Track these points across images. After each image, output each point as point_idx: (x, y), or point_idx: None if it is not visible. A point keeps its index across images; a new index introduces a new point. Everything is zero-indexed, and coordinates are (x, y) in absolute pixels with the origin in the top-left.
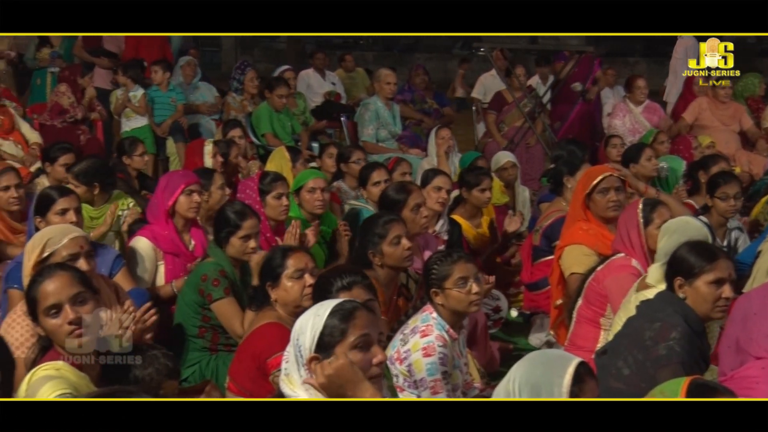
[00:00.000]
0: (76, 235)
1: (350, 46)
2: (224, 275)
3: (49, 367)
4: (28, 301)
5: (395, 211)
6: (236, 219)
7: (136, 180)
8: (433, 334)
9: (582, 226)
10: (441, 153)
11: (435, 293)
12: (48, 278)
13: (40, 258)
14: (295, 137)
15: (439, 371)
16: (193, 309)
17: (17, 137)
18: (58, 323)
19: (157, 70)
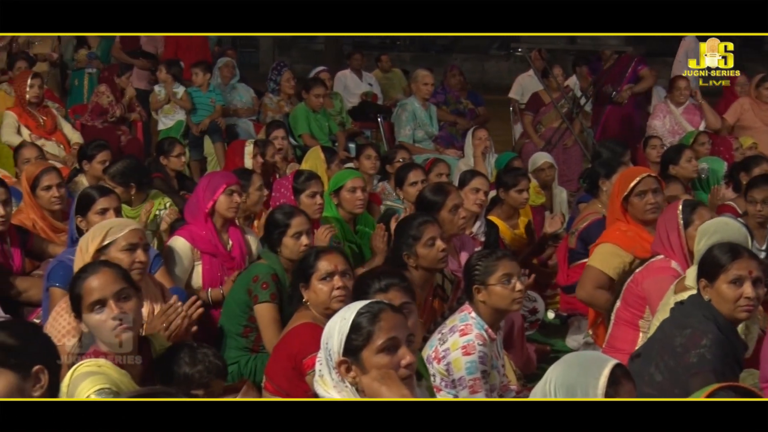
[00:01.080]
0: (137, 228)
1: (387, 46)
2: (275, 280)
3: (90, 364)
4: (72, 297)
5: (433, 212)
6: (285, 218)
7: (175, 180)
8: (472, 332)
9: (621, 226)
10: (478, 154)
11: (477, 290)
12: (92, 274)
13: (101, 246)
14: (332, 138)
15: (479, 370)
16: (240, 308)
17: (59, 138)
18: (102, 318)
19: (198, 72)
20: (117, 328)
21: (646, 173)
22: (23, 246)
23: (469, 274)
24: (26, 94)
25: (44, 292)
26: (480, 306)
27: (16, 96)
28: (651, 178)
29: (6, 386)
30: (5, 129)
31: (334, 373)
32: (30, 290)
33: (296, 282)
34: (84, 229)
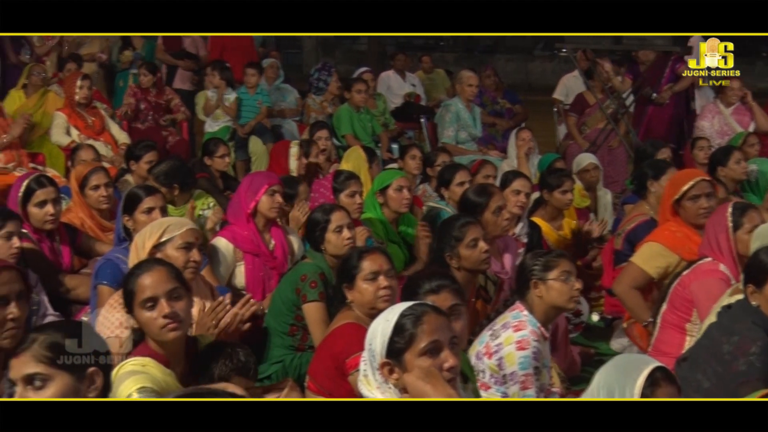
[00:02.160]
0: (194, 227)
1: (431, 47)
2: (323, 279)
3: (136, 363)
4: (125, 293)
5: (476, 213)
6: (324, 215)
7: (220, 180)
8: (527, 328)
9: (671, 227)
10: (521, 155)
11: (536, 284)
12: (146, 272)
13: (158, 242)
14: (375, 138)
15: (532, 366)
16: (287, 307)
17: (107, 138)
18: (153, 316)
19: (254, 73)
20: (166, 327)
21: (700, 177)
22: (72, 244)
23: (526, 271)
24: (75, 95)
25: (92, 290)
26: (535, 302)
27: (65, 97)
28: (705, 182)
29: (62, 388)
30: (55, 129)
31: (377, 374)
32: (78, 288)
33: (339, 282)
34: (131, 227)
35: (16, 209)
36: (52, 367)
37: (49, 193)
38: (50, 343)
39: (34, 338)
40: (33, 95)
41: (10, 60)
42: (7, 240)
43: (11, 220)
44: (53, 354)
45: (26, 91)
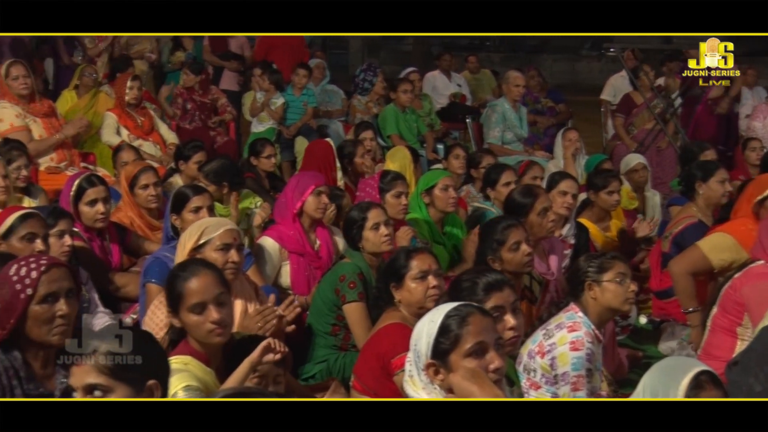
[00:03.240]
0: (231, 227)
1: (476, 47)
2: (362, 278)
3: (177, 361)
4: (170, 294)
5: (521, 215)
6: (361, 213)
7: (266, 180)
8: (581, 330)
9: (747, 223)
10: (568, 155)
11: (590, 286)
12: (194, 276)
13: (196, 245)
14: (420, 139)
15: (584, 367)
16: (328, 307)
17: (156, 138)
18: (201, 320)
19: (305, 74)
20: (213, 332)
21: None
22: (121, 243)
23: (580, 273)
24: (125, 96)
25: (141, 288)
26: (590, 303)
27: (116, 97)
28: None
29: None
30: (105, 129)
31: (422, 374)
32: (127, 286)
33: (386, 282)
34: (179, 226)
35: (67, 208)
36: (112, 379)
37: (100, 192)
38: (111, 353)
39: (96, 347)
40: (84, 96)
41: (63, 61)
42: (59, 238)
43: (63, 218)
44: (114, 365)
45: (78, 92)
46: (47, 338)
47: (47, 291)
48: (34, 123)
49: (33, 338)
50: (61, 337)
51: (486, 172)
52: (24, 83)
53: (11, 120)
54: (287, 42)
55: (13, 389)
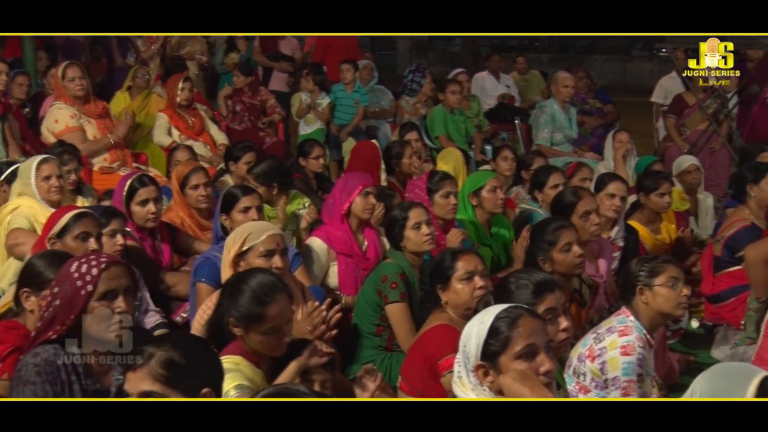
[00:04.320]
0: (274, 233)
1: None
2: (404, 279)
3: (229, 361)
4: (245, 313)
5: (565, 216)
6: (402, 212)
7: (314, 180)
8: (633, 334)
9: None
10: (618, 157)
11: (641, 290)
12: (275, 302)
13: (240, 251)
14: (468, 140)
15: (635, 372)
16: (371, 308)
17: (206, 138)
18: (270, 340)
19: (349, 68)
20: (278, 349)
21: None
22: (172, 242)
23: (631, 277)
24: (177, 97)
25: (191, 287)
26: (641, 308)
27: (167, 98)
28: None
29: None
30: (157, 130)
31: (471, 376)
32: (178, 285)
33: (432, 284)
34: (228, 227)
35: (120, 208)
36: (167, 387)
37: (151, 192)
38: (167, 360)
39: (152, 354)
40: (137, 97)
41: (117, 63)
42: (111, 237)
43: (115, 218)
44: (169, 373)
45: (131, 93)
46: (105, 335)
47: (107, 288)
48: (88, 124)
49: (91, 334)
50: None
51: (534, 173)
52: (79, 84)
53: (66, 121)
54: (343, 42)
55: (72, 384)
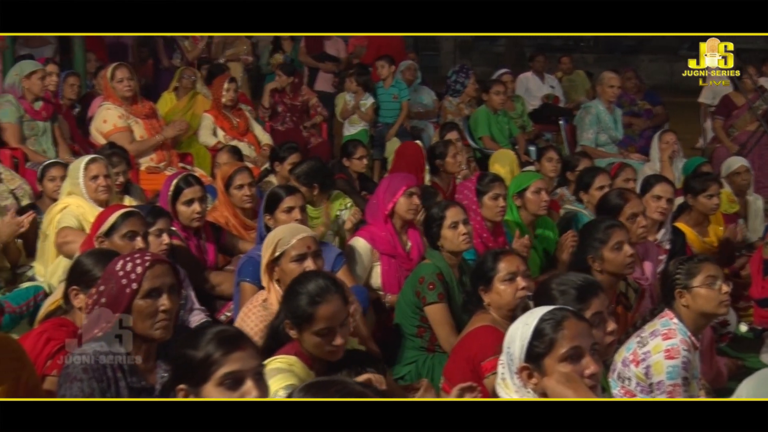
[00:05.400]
0: (305, 236)
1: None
2: (441, 279)
3: (283, 361)
4: (299, 314)
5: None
6: (440, 211)
7: (357, 181)
8: (677, 337)
9: None
10: (665, 158)
11: (680, 294)
12: (326, 303)
13: (273, 257)
14: (512, 140)
15: (680, 376)
16: (411, 309)
17: (251, 139)
18: (324, 342)
19: (383, 65)
20: (334, 353)
21: None
22: (217, 242)
23: (669, 280)
24: (222, 98)
25: (235, 287)
26: (683, 311)
27: (213, 99)
28: None
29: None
30: (202, 131)
31: (515, 378)
32: (222, 284)
33: (474, 285)
34: (272, 226)
35: (166, 207)
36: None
37: (196, 191)
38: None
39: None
40: (183, 97)
41: (163, 64)
42: (157, 237)
43: (162, 217)
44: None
45: (177, 94)
46: (150, 332)
47: (151, 286)
48: (136, 124)
49: (136, 332)
50: (163, 332)
51: (579, 174)
52: (128, 86)
53: (114, 121)
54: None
55: (118, 381)
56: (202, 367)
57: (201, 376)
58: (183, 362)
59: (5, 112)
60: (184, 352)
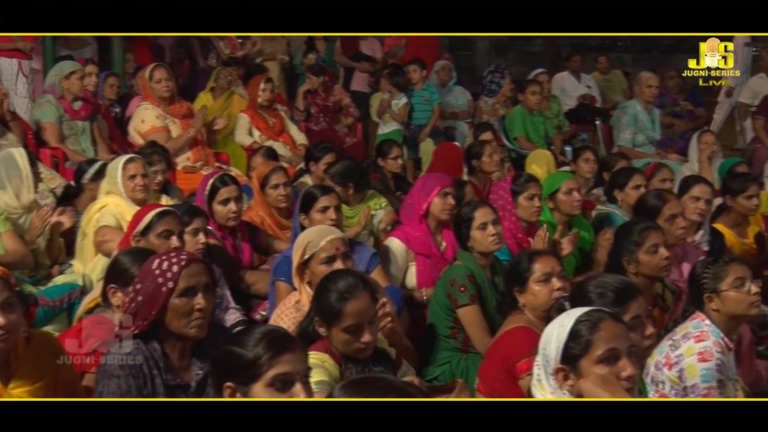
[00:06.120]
0: (333, 237)
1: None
2: (472, 281)
3: (316, 357)
4: (328, 310)
5: (650, 219)
6: (469, 211)
7: (392, 181)
8: (709, 339)
9: None
10: (703, 159)
11: (709, 298)
12: (354, 299)
13: (303, 260)
14: (548, 140)
15: (714, 378)
16: (444, 311)
17: (286, 139)
18: (352, 340)
19: (416, 68)
20: (362, 351)
21: None
22: (252, 241)
23: (697, 284)
24: (258, 98)
25: (270, 286)
26: (713, 315)
27: (248, 99)
28: None
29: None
30: (239, 130)
31: (551, 379)
32: (258, 283)
33: (509, 286)
34: (307, 226)
35: (202, 206)
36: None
37: (232, 191)
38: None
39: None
40: (219, 97)
41: (199, 64)
42: (193, 236)
43: (198, 216)
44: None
45: (213, 94)
46: (185, 330)
47: (187, 285)
48: (173, 124)
49: (172, 330)
50: (198, 330)
51: (613, 174)
52: (166, 86)
53: (152, 121)
54: (429, 43)
55: (154, 378)
56: (253, 366)
57: (250, 375)
58: (230, 360)
59: (45, 111)
60: (232, 350)
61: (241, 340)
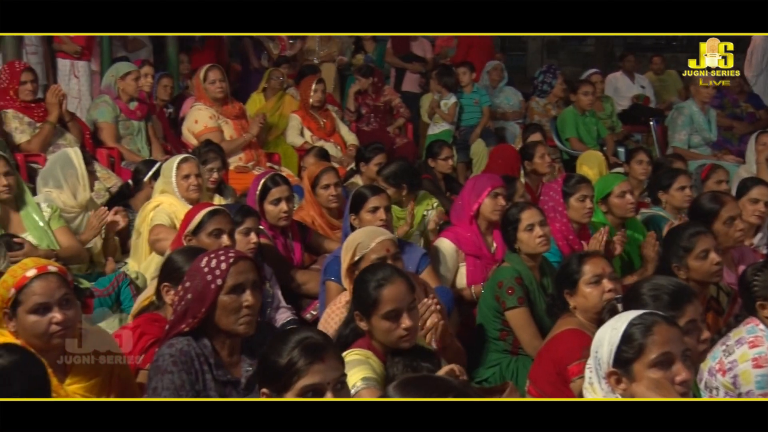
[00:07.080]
0: (383, 239)
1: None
2: (520, 283)
3: (360, 354)
4: (362, 298)
5: (707, 222)
6: (516, 212)
7: (443, 181)
8: (764, 345)
9: None
10: (761, 160)
11: (762, 305)
12: (390, 283)
13: (353, 261)
14: (600, 142)
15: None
16: (492, 313)
17: (337, 139)
18: (393, 327)
19: (465, 71)
20: (404, 338)
21: None
22: (303, 241)
23: (748, 289)
24: (310, 98)
25: (321, 285)
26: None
27: (300, 100)
28: None
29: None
30: (290, 131)
31: (603, 382)
32: (308, 283)
33: (559, 289)
34: (357, 226)
35: (254, 206)
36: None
37: (283, 191)
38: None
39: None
40: (271, 98)
41: (252, 65)
42: (245, 235)
43: (250, 216)
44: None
45: (266, 95)
46: (234, 327)
47: (235, 282)
48: (225, 124)
49: (221, 327)
50: (247, 327)
51: (656, 176)
52: (220, 87)
53: (205, 122)
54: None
55: (204, 374)
56: (285, 375)
57: (283, 384)
58: (267, 366)
59: (102, 111)
60: (269, 357)
61: (277, 346)
